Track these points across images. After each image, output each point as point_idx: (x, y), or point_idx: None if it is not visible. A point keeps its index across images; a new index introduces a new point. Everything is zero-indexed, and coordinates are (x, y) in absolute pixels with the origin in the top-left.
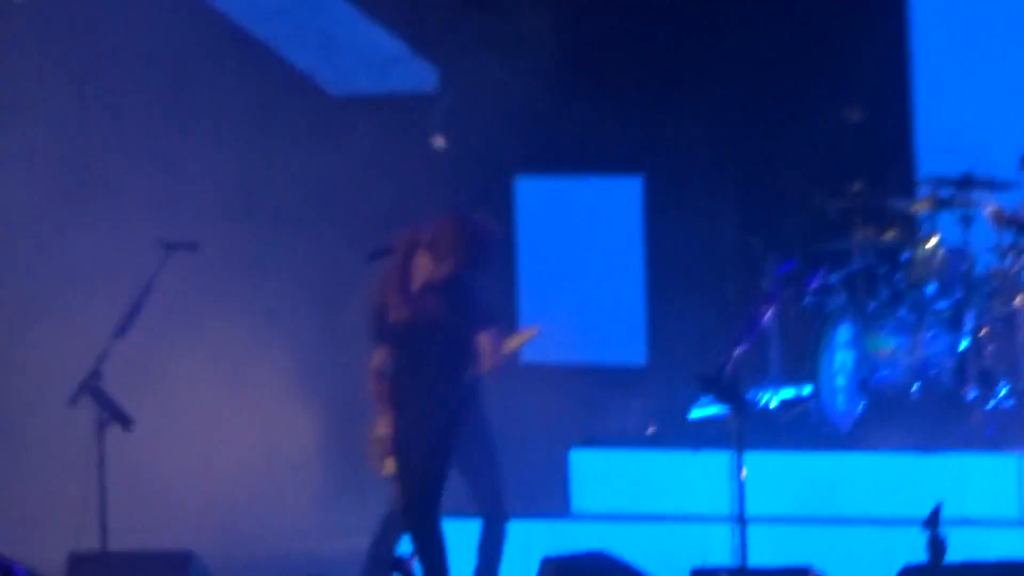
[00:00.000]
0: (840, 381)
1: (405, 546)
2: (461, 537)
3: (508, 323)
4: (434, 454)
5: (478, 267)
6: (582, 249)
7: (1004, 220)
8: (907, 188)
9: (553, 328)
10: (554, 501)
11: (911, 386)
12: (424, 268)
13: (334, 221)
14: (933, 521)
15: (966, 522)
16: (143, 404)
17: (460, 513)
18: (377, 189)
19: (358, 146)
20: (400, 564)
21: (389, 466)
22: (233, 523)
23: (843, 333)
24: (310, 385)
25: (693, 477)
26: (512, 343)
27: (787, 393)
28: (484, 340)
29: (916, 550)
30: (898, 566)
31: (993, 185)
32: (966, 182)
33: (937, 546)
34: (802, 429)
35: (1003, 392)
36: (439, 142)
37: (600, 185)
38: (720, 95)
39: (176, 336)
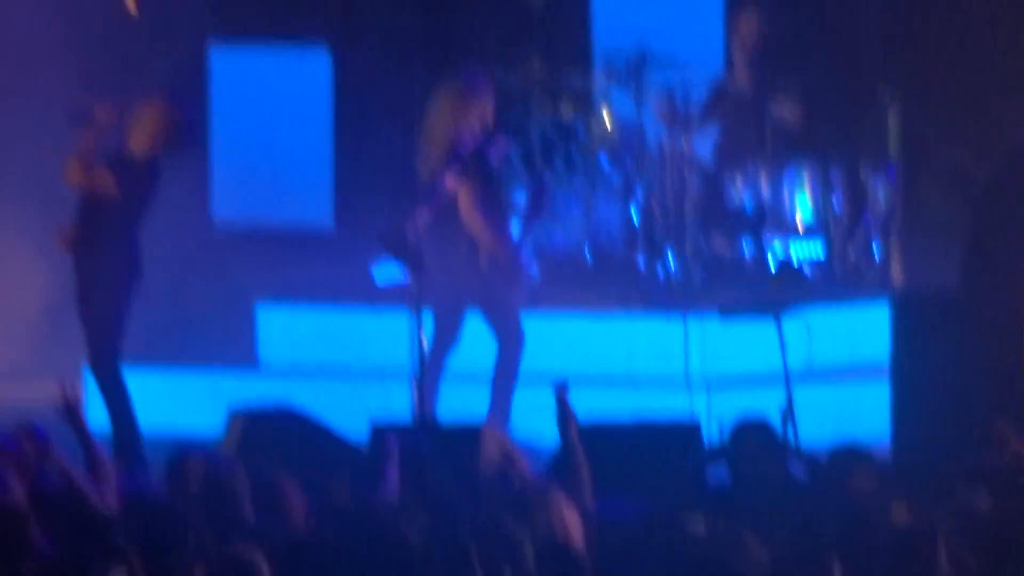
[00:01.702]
0: None
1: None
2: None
3: (200, 188)
4: (109, 308)
5: (173, 149)
6: (273, 113)
7: (674, 117)
8: (584, 65)
9: (245, 189)
10: (242, 354)
11: (583, 250)
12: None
13: (37, 90)
14: (561, 395)
15: (634, 381)
16: None
17: (141, 361)
18: (79, 59)
19: (59, 15)
20: (68, 409)
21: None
22: None
23: (521, 200)
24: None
25: (376, 334)
26: None
27: None
28: None
29: (586, 406)
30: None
31: (664, 63)
32: (640, 61)
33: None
34: None
35: (670, 257)
36: (131, 5)
37: (290, 53)
38: None
39: None
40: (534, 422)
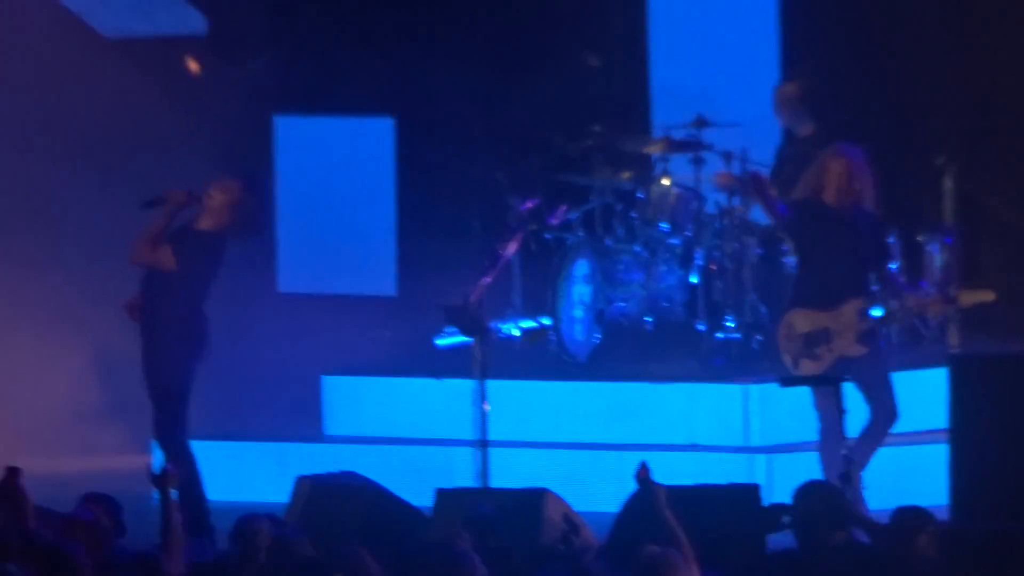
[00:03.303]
0: (578, 313)
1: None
2: (213, 457)
3: (265, 255)
4: (173, 379)
5: (242, 235)
6: (337, 186)
7: (732, 182)
8: (643, 131)
9: (310, 260)
10: (307, 425)
11: (644, 318)
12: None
13: (106, 160)
14: (643, 476)
15: (694, 448)
16: None
17: (209, 435)
18: (145, 128)
19: (128, 86)
20: (163, 477)
21: None
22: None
23: (581, 267)
24: (79, 315)
25: (439, 403)
26: (967, 298)
27: (528, 324)
28: None
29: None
30: (630, 489)
31: (722, 125)
32: (698, 123)
33: (647, 488)
34: (542, 358)
35: (730, 325)
36: (193, 66)
37: (354, 125)
38: (467, 40)
39: None
40: (596, 488)
